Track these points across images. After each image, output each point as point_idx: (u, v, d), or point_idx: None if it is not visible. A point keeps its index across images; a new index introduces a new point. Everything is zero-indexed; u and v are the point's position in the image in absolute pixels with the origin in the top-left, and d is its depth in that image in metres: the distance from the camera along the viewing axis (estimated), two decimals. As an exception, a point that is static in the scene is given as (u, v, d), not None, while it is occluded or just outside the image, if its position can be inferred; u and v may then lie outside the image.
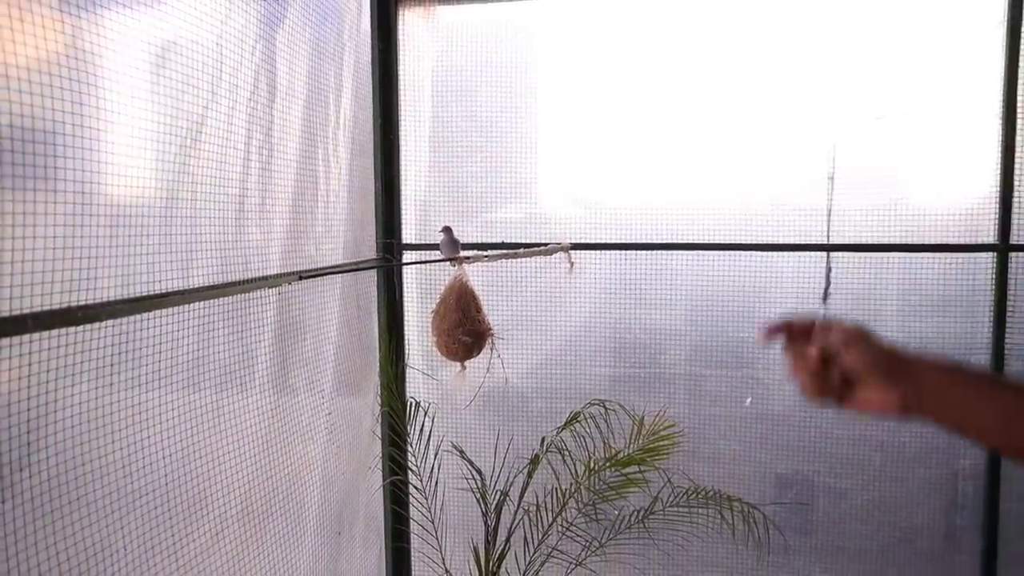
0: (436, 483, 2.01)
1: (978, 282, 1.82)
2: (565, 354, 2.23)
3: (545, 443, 1.95)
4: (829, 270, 1.93)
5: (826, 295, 1.93)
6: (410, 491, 2.05)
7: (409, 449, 2.02)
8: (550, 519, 1.91)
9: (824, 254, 1.94)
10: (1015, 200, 1.73)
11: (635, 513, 1.94)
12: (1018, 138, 1.72)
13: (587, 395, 2.01)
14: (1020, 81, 1.70)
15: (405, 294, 2.12)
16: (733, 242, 2.01)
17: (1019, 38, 1.69)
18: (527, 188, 2.22)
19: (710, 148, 2.04)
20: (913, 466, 1.95)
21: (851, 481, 2.01)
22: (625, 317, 2.20)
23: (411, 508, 2.07)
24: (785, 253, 2.00)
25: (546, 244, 1.94)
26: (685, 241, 2.03)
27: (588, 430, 1.95)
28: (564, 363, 2.21)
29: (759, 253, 2.01)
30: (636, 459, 1.90)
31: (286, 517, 1.65)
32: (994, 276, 1.78)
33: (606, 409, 1.95)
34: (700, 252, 2.05)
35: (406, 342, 2.13)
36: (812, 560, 2.04)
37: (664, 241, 2.04)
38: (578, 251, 2.09)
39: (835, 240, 1.93)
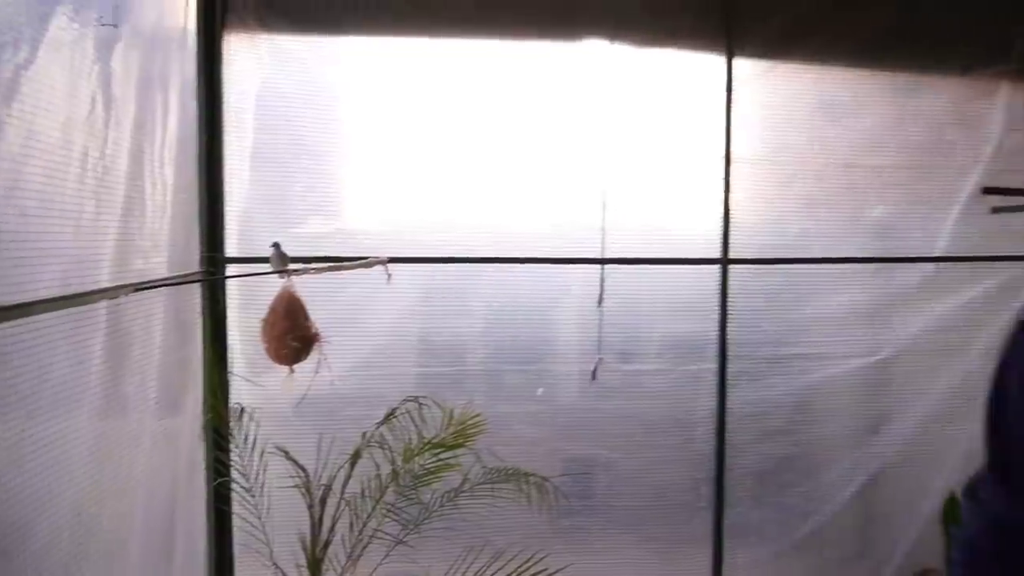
0: (263, 484, 2.15)
1: (710, 289, 2.34)
2: (381, 358, 2.46)
3: (366, 437, 2.17)
4: (603, 280, 2.36)
5: (600, 300, 2.35)
6: (236, 492, 2.16)
7: (234, 452, 2.13)
8: (372, 505, 2.13)
9: (600, 267, 2.37)
10: (732, 224, 2.27)
11: (447, 494, 2.23)
12: (732, 179, 2.26)
13: (404, 394, 2.26)
14: (732, 137, 2.24)
15: (229, 305, 2.22)
16: (527, 256, 2.37)
17: (731, 105, 2.23)
18: (344, 205, 2.43)
19: (508, 177, 2.38)
20: (663, 436, 2.44)
21: (619, 453, 2.47)
22: (435, 323, 2.49)
23: (236, 507, 2.18)
24: (569, 266, 2.40)
25: (366, 258, 2.16)
26: (485, 256, 2.35)
27: (405, 424, 2.20)
28: (381, 366, 2.44)
29: (548, 266, 2.39)
30: (447, 443, 2.18)
31: (112, 534, 1.69)
32: (720, 284, 2.30)
33: (420, 405, 2.21)
34: (498, 265, 2.38)
35: (230, 351, 2.23)
36: (592, 518, 2.47)
37: (467, 255, 2.35)
38: (393, 264, 2.33)
39: (608, 255, 2.36)
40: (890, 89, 2.46)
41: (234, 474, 2.15)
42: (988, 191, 2.21)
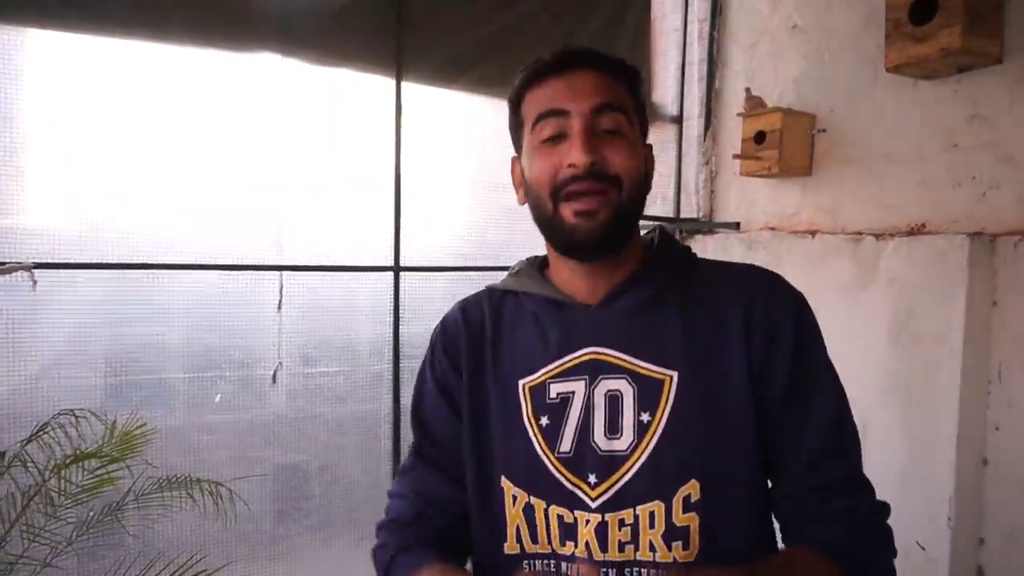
0: None
1: (385, 294, 2.51)
2: (48, 374, 2.29)
3: (7, 457, 2.02)
4: (282, 286, 2.43)
5: (280, 305, 2.42)
6: None
7: None
8: (6, 529, 1.98)
9: (279, 273, 2.43)
10: (403, 235, 2.47)
11: (106, 508, 2.14)
12: (403, 194, 2.46)
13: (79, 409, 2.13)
14: (403, 155, 2.44)
15: None
16: (206, 263, 2.36)
17: (400, 125, 2.43)
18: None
19: (190, 182, 2.35)
20: (348, 435, 2.57)
21: (305, 454, 2.55)
22: (121, 332, 2.38)
23: None
24: (252, 272, 2.43)
25: (3, 264, 2.02)
26: (162, 262, 2.30)
27: (58, 439, 2.08)
28: (52, 381, 2.28)
29: (231, 272, 2.40)
30: (108, 456, 2.10)
31: None
32: (393, 290, 2.49)
33: (76, 418, 2.11)
34: (175, 272, 2.34)
35: None
36: (276, 520, 2.51)
37: (142, 262, 2.29)
38: (70, 270, 2.20)
39: (288, 263, 2.44)
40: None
41: None
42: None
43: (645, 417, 0.89)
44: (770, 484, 0.93)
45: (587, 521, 0.89)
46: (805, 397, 0.89)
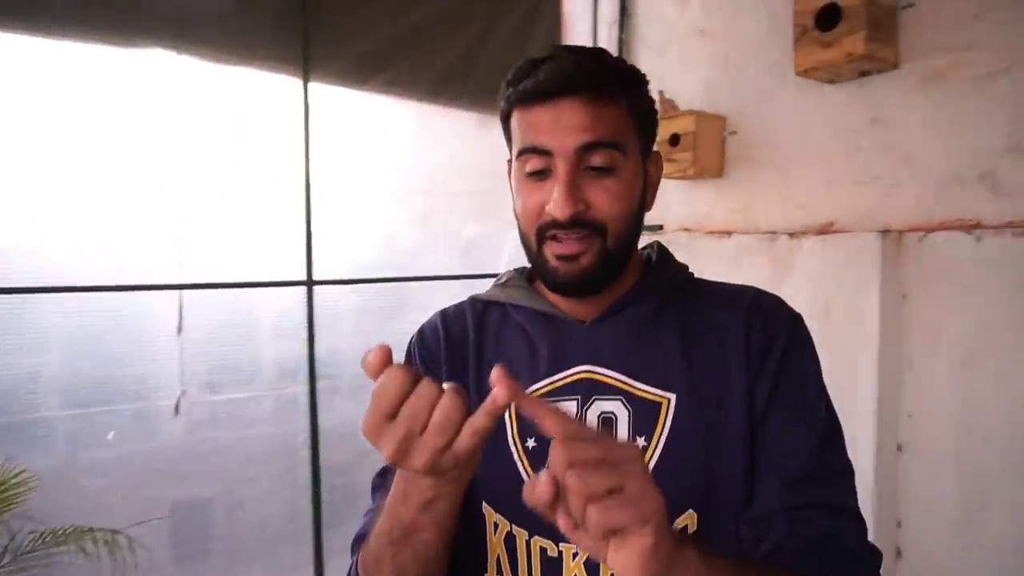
0: None
1: (297, 310, 2.34)
2: None
3: None
4: (182, 306, 2.21)
5: (180, 328, 2.20)
6: None
7: None
8: None
9: (178, 292, 2.21)
10: (315, 246, 2.30)
11: (-20, 571, 1.86)
12: (314, 201, 2.30)
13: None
14: (312, 160, 2.28)
15: None
16: (91, 285, 2.10)
17: (309, 129, 2.27)
18: None
19: (73, 190, 2.09)
20: (263, 465, 2.37)
21: (215, 490, 2.33)
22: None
23: None
24: (145, 293, 2.19)
25: None
26: (49, 284, 2.03)
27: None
28: None
29: (120, 294, 2.15)
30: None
31: None
32: (306, 305, 2.32)
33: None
34: (58, 295, 2.08)
35: None
36: (184, 565, 2.28)
37: (19, 285, 2.01)
38: None
39: (188, 281, 2.22)
40: (464, 122, 2.75)
41: None
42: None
43: (641, 442, 0.82)
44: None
45: (575, 555, 0.82)
46: (790, 414, 0.83)
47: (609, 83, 0.80)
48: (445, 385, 0.62)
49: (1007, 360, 1.90)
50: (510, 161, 0.89)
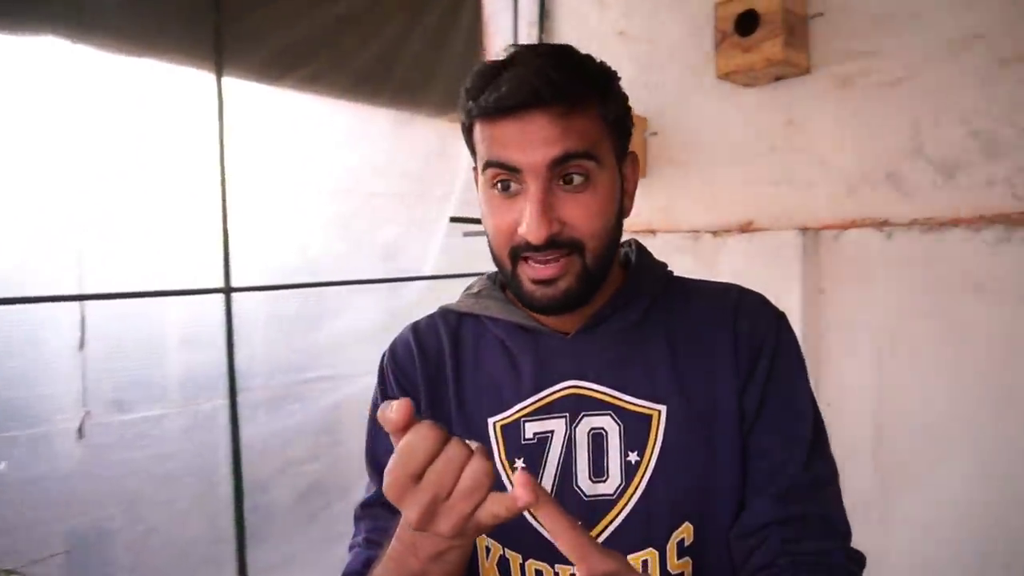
0: None
1: (215, 320, 2.19)
2: None
3: None
4: (84, 319, 2.02)
5: (82, 343, 2.01)
6: None
7: None
8: None
9: (79, 304, 2.01)
10: (233, 250, 2.16)
11: None
12: (230, 203, 2.16)
13: None
14: (228, 159, 2.14)
15: None
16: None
17: (223, 126, 2.13)
18: None
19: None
20: (179, 486, 2.20)
21: (125, 518, 2.14)
22: None
23: None
24: (42, 305, 1.99)
25: None
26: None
27: None
28: None
29: (20, 306, 1.94)
30: None
31: None
32: (224, 314, 2.17)
33: None
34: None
35: None
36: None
37: None
38: None
39: (90, 290, 2.03)
40: (386, 121, 2.67)
41: None
42: (454, 220, 2.56)
43: (633, 457, 0.80)
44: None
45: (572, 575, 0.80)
46: (780, 424, 0.82)
47: (577, 89, 0.74)
48: (472, 445, 0.58)
49: (918, 347, 2.03)
50: (475, 169, 0.84)
